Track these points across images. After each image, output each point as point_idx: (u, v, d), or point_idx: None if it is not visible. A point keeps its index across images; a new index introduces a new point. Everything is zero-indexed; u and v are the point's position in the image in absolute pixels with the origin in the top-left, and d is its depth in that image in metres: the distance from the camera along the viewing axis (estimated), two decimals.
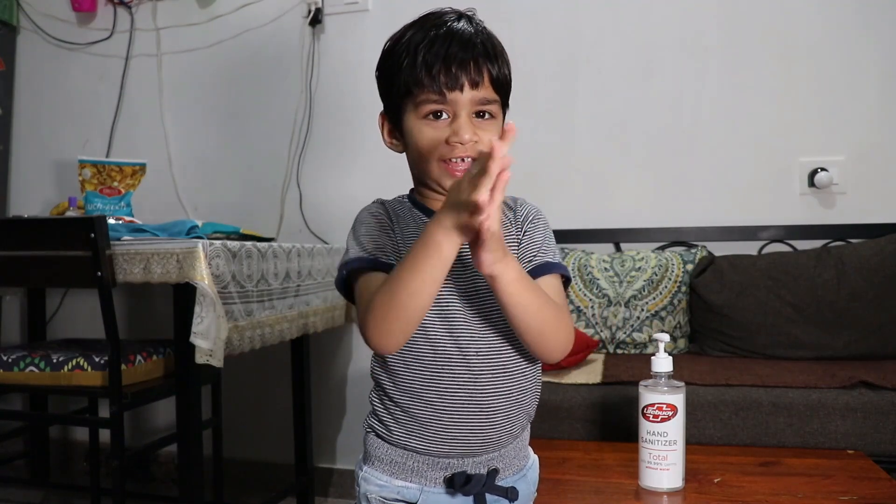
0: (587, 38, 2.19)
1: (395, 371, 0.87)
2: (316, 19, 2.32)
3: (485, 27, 0.89)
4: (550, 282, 0.88)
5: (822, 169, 2.01)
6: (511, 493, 0.88)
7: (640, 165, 2.15)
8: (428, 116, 0.85)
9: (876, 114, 2.01)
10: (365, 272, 0.85)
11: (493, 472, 0.87)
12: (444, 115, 0.84)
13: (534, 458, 0.98)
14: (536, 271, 0.87)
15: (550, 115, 2.19)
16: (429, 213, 0.89)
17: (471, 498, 0.86)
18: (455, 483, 0.86)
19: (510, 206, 0.93)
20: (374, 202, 0.93)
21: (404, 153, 0.92)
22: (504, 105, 0.90)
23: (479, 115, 0.85)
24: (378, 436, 0.90)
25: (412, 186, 0.94)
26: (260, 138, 2.42)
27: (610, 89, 2.17)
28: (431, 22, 0.87)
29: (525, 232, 0.90)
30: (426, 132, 0.85)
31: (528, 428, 0.96)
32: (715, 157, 2.10)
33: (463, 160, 0.84)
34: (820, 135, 2.04)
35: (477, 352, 0.85)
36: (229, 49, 2.44)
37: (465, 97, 0.83)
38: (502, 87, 0.87)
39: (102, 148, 2.54)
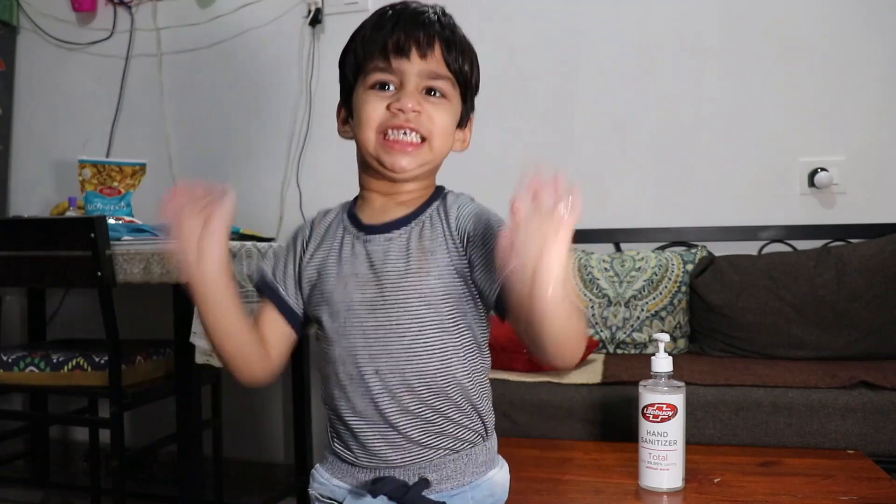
0: (587, 38, 2.18)
1: (322, 376, 0.87)
2: (316, 19, 2.32)
3: (445, 14, 0.86)
4: None
5: (822, 169, 2.00)
6: None
7: (640, 165, 2.15)
8: (375, 87, 0.83)
9: (876, 114, 2.01)
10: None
11: (422, 482, 0.81)
12: (391, 88, 0.82)
13: (493, 478, 0.87)
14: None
15: (550, 115, 2.19)
16: (354, 220, 0.87)
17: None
18: (373, 483, 0.80)
19: (444, 200, 0.86)
20: (316, 215, 0.92)
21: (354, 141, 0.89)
22: (465, 98, 0.87)
23: (430, 93, 0.83)
24: (329, 441, 0.90)
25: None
26: (260, 138, 2.42)
27: (610, 89, 2.17)
28: (389, 5, 0.86)
29: (469, 239, 0.81)
30: (369, 100, 0.83)
31: (488, 444, 0.87)
32: (715, 157, 2.10)
33: (405, 133, 0.81)
34: (820, 135, 2.04)
35: (372, 364, 0.81)
36: (229, 49, 2.44)
37: (413, 67, 0.81)
38: (459, 75, 0.84)
39: (102, 148, 2.54)
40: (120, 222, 1.90)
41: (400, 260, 0.81)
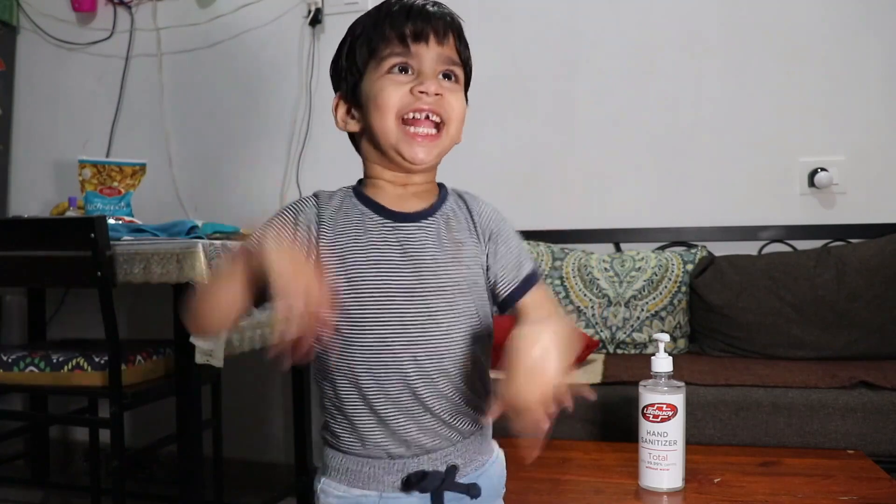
0: (587, 38, 2.18)
1: (330, 372, 0.84)
2: (316, 19, 2.32)
3: (449, 9, 0.87)
4: (541, 292, 0.86)
5: (822, 169, 2.00)
6: (473, 489, 0.84)
7: (640, 165, 2.15)
8: (392, 71, 0.81)
9: (876, 114, 2.01)
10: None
11: (452, 469, 0.83)
12: (409, 71, 0.82)
13: (498, 453, 0.93)
14: (526, 285, 0.85)
15: (550, 115, 2.19)
16: (374, 206, 0.84)
17: (429, 499, 0.83)
18: (411, 481, 0.82)
19: (460, 196, 0.88)
20: (311, 195, 0.87)
21: (355, 138, 0.88)
22: (465, 90, 0.87)
23: (447, 78, 0.83)
24: (331, 446, 0.88)
25: (360, 177, 0.90)
26: (260, 138, 2.42)
27: (610, 89, 2.17)
28: (387, 2, 0.85)
29: (491, 237, 0.86)
30: (388, 85, 0.80)
31: (489, 422, 0.90)
32: (715, 158, 2.10)
33: (427, 117, 0.80)
34: (820, 135, 2.04)
35: (409, 351, 0.80)
36: (229, 49, 2.44)
37: (431, 52, 0.81)
38: (466, 66, 0.85)
39: (102, 148, 2.54)
40: (120, 222, 1.90)
41: (435, 248, 0.82)
